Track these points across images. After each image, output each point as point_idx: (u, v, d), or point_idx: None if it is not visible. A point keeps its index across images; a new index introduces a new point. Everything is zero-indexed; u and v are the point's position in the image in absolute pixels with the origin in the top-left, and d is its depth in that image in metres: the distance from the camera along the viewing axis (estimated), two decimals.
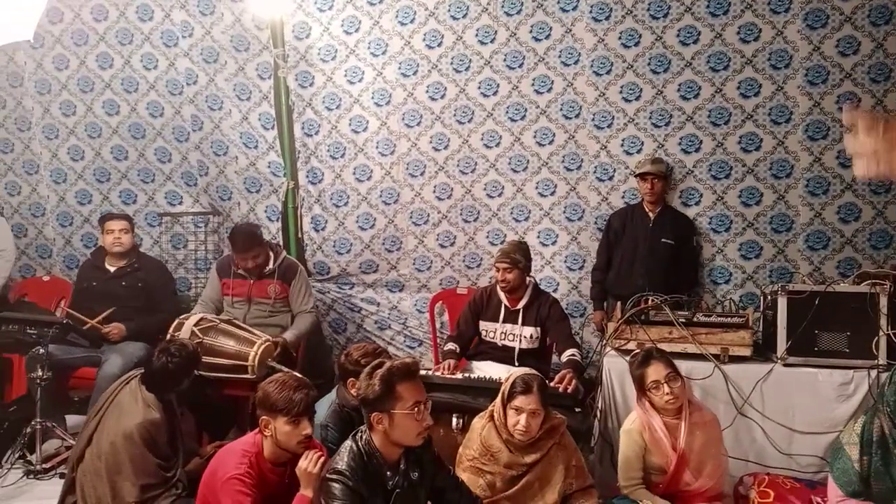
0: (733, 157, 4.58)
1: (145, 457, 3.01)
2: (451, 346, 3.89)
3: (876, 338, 3.33)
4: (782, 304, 3.43)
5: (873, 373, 3.31)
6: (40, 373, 3.82)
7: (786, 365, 3.42)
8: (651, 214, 4.53)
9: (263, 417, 2.64)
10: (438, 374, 3.56)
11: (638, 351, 3.18)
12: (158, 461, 3.06)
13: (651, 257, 4.45)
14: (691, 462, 2.95)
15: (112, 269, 4.46)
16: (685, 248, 4.56)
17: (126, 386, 3.21)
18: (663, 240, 4.47)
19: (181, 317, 3.98)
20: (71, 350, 4.18)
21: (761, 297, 3.91)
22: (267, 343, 3.89)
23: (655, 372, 2.97)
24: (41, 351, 3.86)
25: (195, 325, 3.88)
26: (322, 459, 2.62)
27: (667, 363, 2.99)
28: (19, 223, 5.41)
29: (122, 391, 3.19)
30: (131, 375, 3.27)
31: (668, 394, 2.93)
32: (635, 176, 4.55)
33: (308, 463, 2.61)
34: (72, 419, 4.19)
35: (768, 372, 3.41)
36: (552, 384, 3.28)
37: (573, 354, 3.66)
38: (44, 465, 3.80)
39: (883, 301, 3.33)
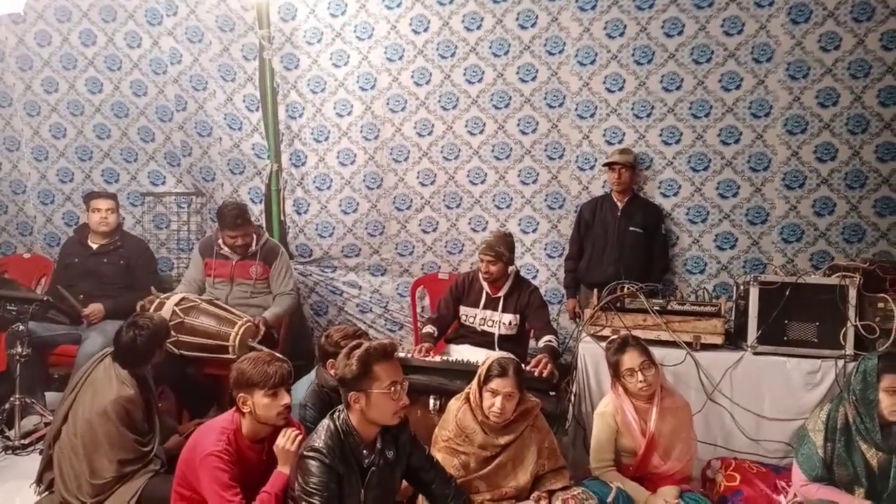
0: (712, 150, 4.64)
1: (121, 433, 3.03)
2: (429, 328, 3.94)
3: (844, 328, 3.41)
4: (754, 293, 3.50)
5: (840, 362, 3.38)
6: (20, 349, 3.85)
7: (756, 353, 3.49)
8: (619, 204, 4.60)
9: (241, 395, 2.67)
10: (417, 356, 3.60)
11: (615, 337, 3.23)
12: (135, 437, 3.08)
13: (620, 246, 4.53)
14: (660, 446, 3.03)
15: (95, 246, 4.46)
16: (654, 236, 4.62)
17: (100, 363, 3.21)
18: (632, 228, 4.55)
19: (162, 296, 4.00)
20: (51, 327, 4.19)
21: (734, 287, 3.98)
22: (248, 323, 3.93)
23: (630, 360, 3.03)
24: (21, 327, 3.88)
25: (176, 304, 3.90)
26: (299, 437, 2.66)
27: (641, 351, 3.05)
28: (0, 200, 5.38)
29: (96, 368, 3.20)
30: (105, 353, 3.27)
31: (641, 381, 3.00)
32: (604, 165, 4.60)
33: (286, 440, 2.65)
34: (51, 396, 4.21)
35: (738, 360, 3.48)
36: (528, 368, 3.34)
37: (550, 340, 3.71)
38: (22, 441, 3.83)
39: (852, 293, 3.40)
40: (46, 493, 3.15)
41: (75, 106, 5.21)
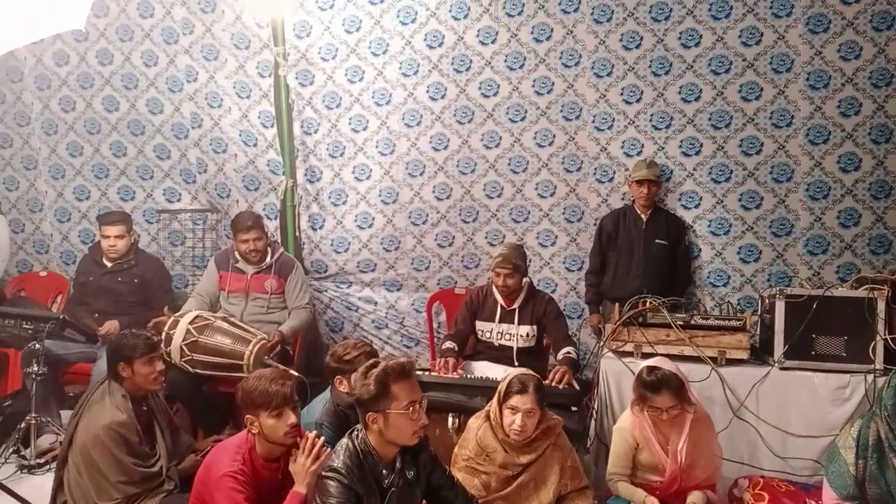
0: (734, 161, 4.58)
1: (117, 457, 2.97)
2: (449, 344, 3.89)
3: (873, 342, 3.33)
4: (780, 307, 3.43)
5: (870, 377, 3.30)
6: (36, 368, 3.83)
7: (782, 368, 3.42)
8: (643, 216, 4.53)
9: (248, 416, 2.64)
10: (434, 373, 3.55)
11: (654, 367, 3.01)
12: (133, 460, 3.02)
13: (647, 259, 4.46)
14: (685, 462, 2.95)
15: (109, 264, 4.46)
16: (679, 249, 4.57)
17: (101, 385, 3.18)
18: (657, 241, 4.48)
19: (176, 314, 3.98)
20: (67, 346, 4.18)
21: (759, 301, 3.90)
22: (262, 341, 3.89)
23: (661, 402, 2.94)
24: (37, 346, 3.87)
25: (190, 322, 3.87)
26: (322, 457, 2.57)
27: (674, 394, 2.92)
28: (17, 218, 5.40)
29: (97, 391, 3.17)
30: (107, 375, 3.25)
31: (664, 419, 2.95)
32: (635, 182, 4.50)
33: (307, 459, 2.58)
34: (66, 414, 4.18)
35: (765, 375, 3.41)
36: (546, 381, 3.28)
37: (569, 352, 3.66)
38: (38, 460, 3.80)
39: (880, 306, 3.33)
40: None
41: (92, 124, 5.23)
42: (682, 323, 3.51)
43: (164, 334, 3.83)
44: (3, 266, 4.76)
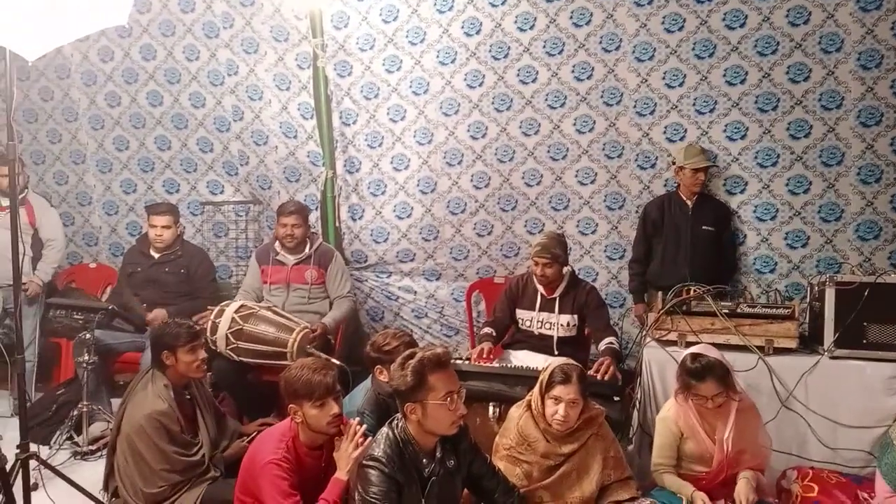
0: (781, 145, 4.45)
1: (160, 447, 3.03)
2: (487, 329, 3.88)
3: None
4: (830, 295, 3.33)
5: None
6: (87, 357, 3.94)
7: (833, 357, 3.33)
8: (689, 202, 4.43)
9: (291, 406, 2.67)
10: (472, 361, 3.55)
11: (698, 354, 2.96)
12: (175, 449, 3.07)
13: (694, 246, 4.36)
14: (732, 451, 2.90)
15: (156, 255, 4.56)
16: (724, 235, 4.48)
17: (145, 375, 3.25)
18: (704, 227, 4.39)
19: (222, 304, 4.05)
20: (116, 335, 4.30)
21: (808, 288, 3.80)
22: (305, 330, 3.94)
23: (706, 390, 2.88)
24: (88, 336, 3.98)
25: (235, 311, 3.94)
26: (364, 445, 2.58)
27: (719, 381, 2.87)
28: (67, 212, 5.54)
29: (141, 380, 3.24)
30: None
31: (710, 407, 2.90)
32: (691, 169, 4.36)
33: (350, 445, 2.60)
34: (117, 402, 4.30)
35: (814, 364, 3.33)
36: (590, 372, 3.25)
37: (611, 342, 3.62)
38: (90, 447, 3.94)
39: None
40: (113, 499, 3.19)
41: (137, 119, 5.34)
42: (727, 311, 3.44)
43: (209, 323, 3.91)
44: (60, 256, 4.89)
